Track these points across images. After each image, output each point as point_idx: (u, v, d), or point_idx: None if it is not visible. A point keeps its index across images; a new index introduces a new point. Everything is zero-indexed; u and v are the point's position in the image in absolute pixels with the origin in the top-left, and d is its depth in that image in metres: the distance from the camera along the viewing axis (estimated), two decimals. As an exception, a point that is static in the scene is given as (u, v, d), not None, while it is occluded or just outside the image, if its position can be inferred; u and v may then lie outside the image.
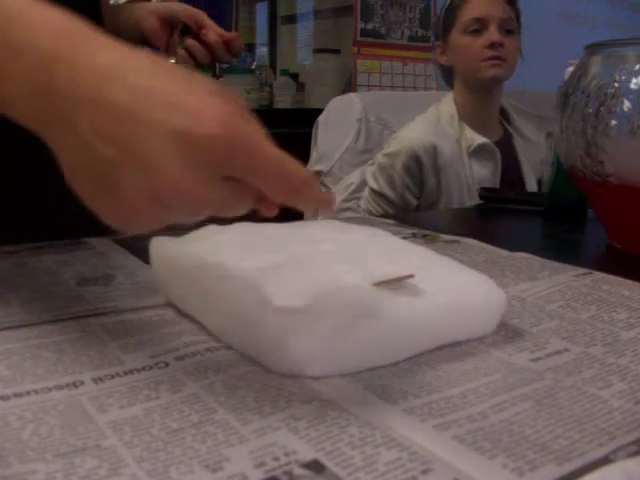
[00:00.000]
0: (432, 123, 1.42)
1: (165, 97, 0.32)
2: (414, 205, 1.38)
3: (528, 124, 1.55)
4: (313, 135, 1.75)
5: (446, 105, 1.46)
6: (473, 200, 1.35)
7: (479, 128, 1.43)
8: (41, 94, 0.33)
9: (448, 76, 1.53)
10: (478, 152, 1.41)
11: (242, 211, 0.35)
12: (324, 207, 0.35)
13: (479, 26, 1.42)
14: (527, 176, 1.47)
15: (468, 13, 1.43)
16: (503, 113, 1.53)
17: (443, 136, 1.39)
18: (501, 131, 1.50)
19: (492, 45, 1.40)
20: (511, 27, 1.43)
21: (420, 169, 1.36)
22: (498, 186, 1.40)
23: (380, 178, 1.39)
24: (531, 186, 1.47)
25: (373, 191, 1.41)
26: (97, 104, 0.32)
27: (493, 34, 1.40)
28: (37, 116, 0.34)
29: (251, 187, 0.33)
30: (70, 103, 0.32)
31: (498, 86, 1.46)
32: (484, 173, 1.41)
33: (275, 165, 0.32)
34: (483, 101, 1.45)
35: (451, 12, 1.48)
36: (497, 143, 1.44)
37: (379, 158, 1.41)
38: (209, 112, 0.31)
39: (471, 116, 1.44)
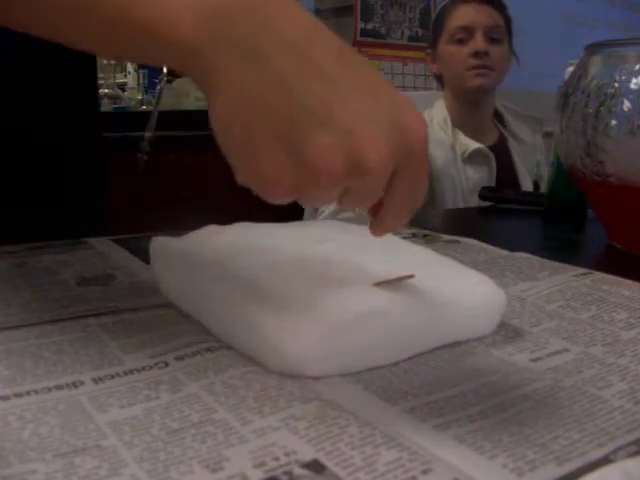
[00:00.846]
0: None
1: (372, 77, 0.33)
2: None
3: (522, 126, 1.54)
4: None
5: (438, 110, 1.45)
6: (467, 204, 1.34)
7: (472, 133, 1.42)
8: (230, 24, 0.31)
9: (441, 83, 1.52)
10: (473, 157, 1.40)
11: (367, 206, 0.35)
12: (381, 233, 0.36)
13: (465, 34, 1.39)
14: (522, 179, 1.46)
15: (454, 21, 1.41)
16: (498, 116, 1.52)
17: (435, 142, 1.37)
18: (496, 135, 1.49)
19: (477, 54, 1.37)
20: (499, 35, 1.40)
21: None
22: (493, 190, 1.40)
23: None
24: (526, 188, 1.46)
25: None
26: (302, 56, 0.31)
27: (478, 42, 1.37)
28: (212, 42, 0.31)
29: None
30: (269, 39, 0.31)
31: (487, 93, 1.44)
32: (479, 178, 1.40)
33: (426, 175, 0.34)
34: (473, 109, 1.44)
35: (439, 20, 1.46)
36: (492, 147, 1.43)
37: None
38: (414, 107, 0.33)
39: (463, 122, 1.43)
